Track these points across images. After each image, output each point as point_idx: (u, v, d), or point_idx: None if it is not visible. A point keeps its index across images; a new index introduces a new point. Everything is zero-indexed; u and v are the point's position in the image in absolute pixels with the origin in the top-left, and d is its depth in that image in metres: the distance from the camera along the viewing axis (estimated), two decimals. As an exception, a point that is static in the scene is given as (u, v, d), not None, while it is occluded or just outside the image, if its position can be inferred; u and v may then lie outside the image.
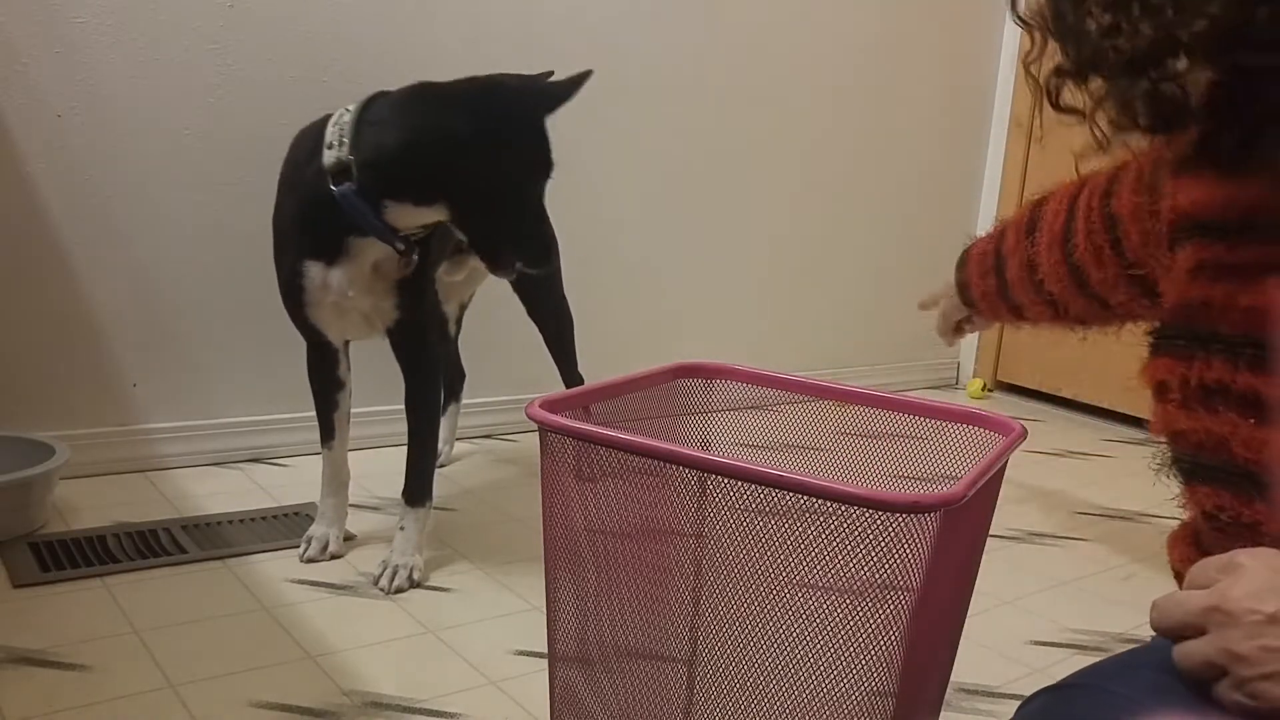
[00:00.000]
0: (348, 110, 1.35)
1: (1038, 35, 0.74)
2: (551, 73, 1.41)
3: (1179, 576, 0.82)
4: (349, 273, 1.39)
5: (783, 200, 2.53)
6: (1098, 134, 0.75)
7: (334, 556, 1.51)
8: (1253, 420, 0.66)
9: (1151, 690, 0.64)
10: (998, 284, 1.26)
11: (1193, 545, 0.78)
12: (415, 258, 1.39)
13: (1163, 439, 0.76)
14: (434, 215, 1.35)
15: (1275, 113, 0.66)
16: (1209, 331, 0.70)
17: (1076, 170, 1.04)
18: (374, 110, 1.33)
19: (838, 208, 2.65)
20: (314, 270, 1.39)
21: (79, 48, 1.64)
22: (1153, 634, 0.64)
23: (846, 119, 2.59)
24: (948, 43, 2.74)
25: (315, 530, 1.53)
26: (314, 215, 1.37)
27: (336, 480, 1.54)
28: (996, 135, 2.89)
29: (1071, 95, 0.76)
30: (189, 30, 1.72)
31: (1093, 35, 0.68)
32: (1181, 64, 0.68)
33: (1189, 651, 0.60)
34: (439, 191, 1.32)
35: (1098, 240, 1.03)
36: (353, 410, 1.58)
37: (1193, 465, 0.73)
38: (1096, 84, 0.72)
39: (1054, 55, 0.74)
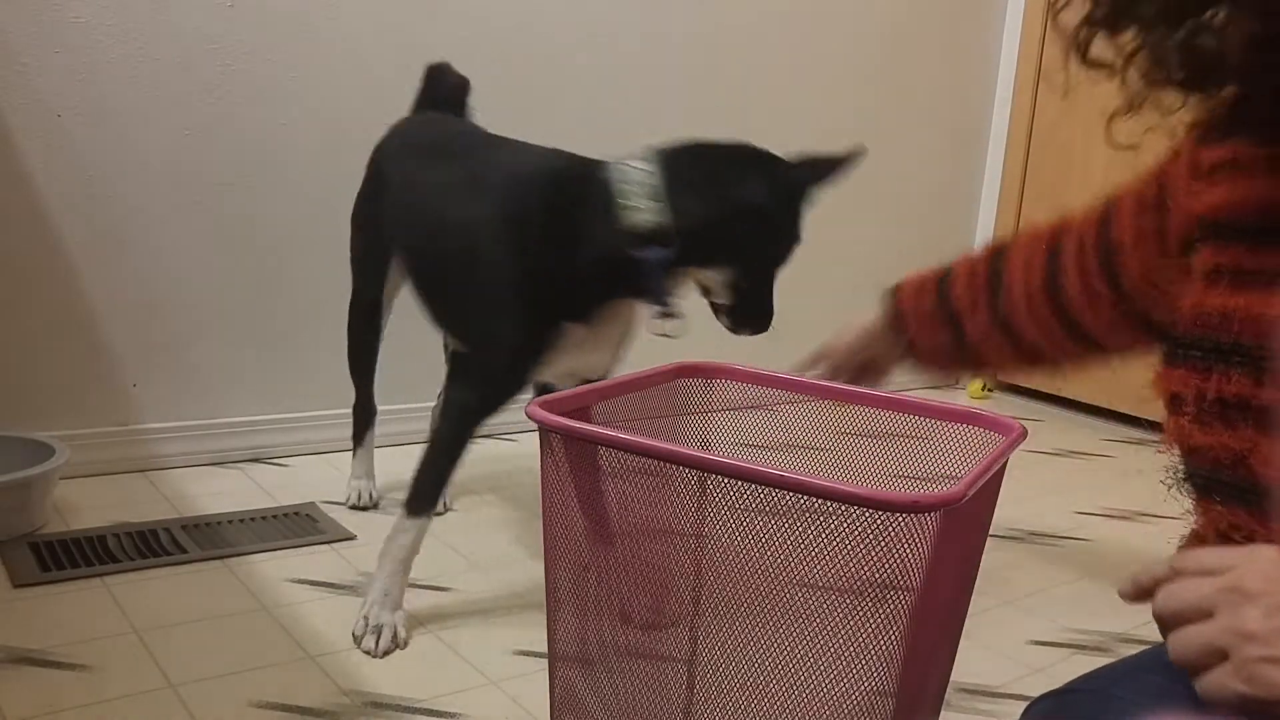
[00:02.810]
0: (637, 167, 1.24)
1: None
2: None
3: None
4: (605, 335, 1.34)
5: (783, 200, 2.53)
6: (1130, 90, 0.70)
7: (404, 644, 1.29)
8: (1275, 436, 0.63)
9: (1156, 695, 0.63)
10: (953, 339, 1.15)
11: None
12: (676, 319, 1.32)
13: (1176, 452, 0.72)
14: (715, 278, 1.31)
15: None
16: (1230, 343, 0.66)
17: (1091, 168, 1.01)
18: (678, 171, 1.25)
19: (837, 207, 2.64)
20: (574, 332, 1.30)
21: (79, 48, 1.64)
22: (1152, 637, 0.63)
23: (847, 118, 2.59)
24: (949, 42, 2.74)
25: (375, 615, 1.29)
26: (592, 275, 1.27)
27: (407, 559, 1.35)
28: (997, 135, 2.88)
29: (1101, 49, 0.71)
30: (189, 30, 1.72)
31: None
32: (1221, 14, 0.63)
33: (1188, 637, 0.56)
34: (737, 257, 1.30)
35: (1093, 283, 0.97)
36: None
37: (1207, 482, 0.69)
38: (1130, 35, 0.67)
39: (1084, 3, 0.69)
